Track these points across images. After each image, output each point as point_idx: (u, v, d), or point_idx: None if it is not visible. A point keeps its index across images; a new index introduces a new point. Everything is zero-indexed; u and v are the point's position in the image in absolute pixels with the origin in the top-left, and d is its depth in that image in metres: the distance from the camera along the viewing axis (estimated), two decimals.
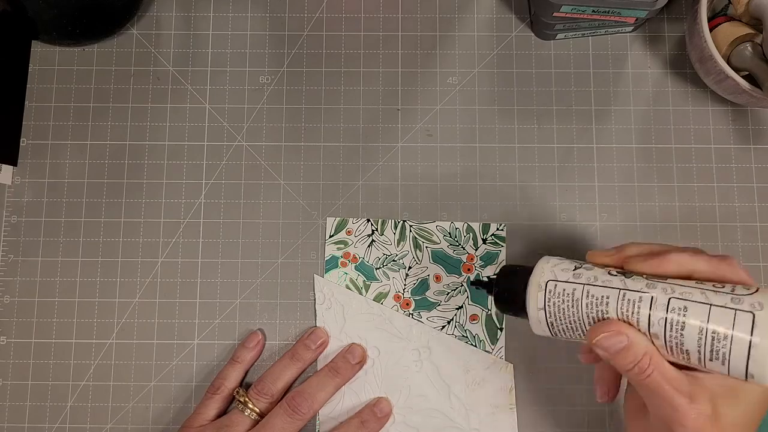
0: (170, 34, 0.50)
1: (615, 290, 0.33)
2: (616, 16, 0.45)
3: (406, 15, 0.50)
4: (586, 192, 0.48)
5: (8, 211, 0.47)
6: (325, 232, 0.47)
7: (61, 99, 0.49)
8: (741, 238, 0.47)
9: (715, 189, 0.48)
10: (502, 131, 0.48)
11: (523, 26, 0.49)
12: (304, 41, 0.49)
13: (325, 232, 0.47)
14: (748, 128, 0.48)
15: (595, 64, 0.49)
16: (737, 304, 0.30)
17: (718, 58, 0.43)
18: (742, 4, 0.44)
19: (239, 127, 0.48)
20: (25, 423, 0.45)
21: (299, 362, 0.44)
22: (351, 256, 0.47)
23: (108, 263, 0.47)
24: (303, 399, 0.41)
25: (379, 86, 0.49)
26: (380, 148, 0.48)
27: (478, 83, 0.49)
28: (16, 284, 0.47)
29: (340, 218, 0.47)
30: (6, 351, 0.46)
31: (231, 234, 0.47)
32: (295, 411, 0.41)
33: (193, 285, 0.47)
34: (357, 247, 0.47)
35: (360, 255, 0.47)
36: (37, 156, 0.48)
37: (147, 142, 0.48)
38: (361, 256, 0.47)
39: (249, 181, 0.48)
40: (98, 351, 0.46)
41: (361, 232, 0.47)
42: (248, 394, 0.43)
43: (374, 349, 0.45)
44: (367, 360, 0.45)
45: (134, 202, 0.48)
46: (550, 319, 0.34)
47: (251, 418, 0.42)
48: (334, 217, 0.47)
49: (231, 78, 0.49)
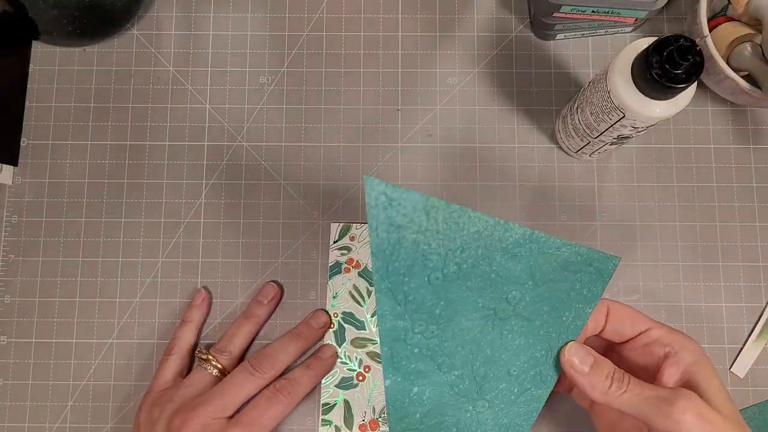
0: (171, 34, 0.50)
1: None
2: (616, 17, 0.45)
3: (406, 15, 0.50)
4: (586, 192, 0.48)
5: (9, 211, 0.47)
6: (329, 238, 0.47)
7: (61, 99, 0.49)
8: (741, 238, 0.47)
9: (714, 189, 0.48)
10: (502, 131, 0.48)
11: (523, 26, 0.49)
12: (304, 41, 0.49)
13: (329, 237, 0.47)
14: (748, 128, 0.48)
15: (595, 64, 0.49)
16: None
17: (717, 59, 0.43)
18: (742, 5, 0.44)
19: (239, 127, 0.48)
20: (26, 423, 0.45)
21: (253, 318, 0.45)
22: (354, 262, 0.47)
23: (108, 263, 0.47)
24: (264, 358, 0.42)
25: (379, 86, 0.49)
26: (380, 148, 0.48)
27: (478, 83, 0.49)
28: (16, 284, 0.47)
29: (344, 224, 0.47)
30: (6, 351, 0.46)
31: (231, 234, 0.47)
32: (256, 369, 0.42)
33: (194, 285, 0.47)
34: (360, 253, 0.47)
35: (363, 261, 0.47)
36: (38, 156, 0.48)
37: (147, 142, 0.48)
38: (365, 262, 0.47)
39: (249, 181, 0.48)
40: (98, 351, 0.46)
41: (364, 237, 0.47)
42: (209, 352, 0.43)
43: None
44: (331, 325, 0.45)
45: (135, 202, 0.48)
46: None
47: (213, 374, 0.42)
48: (338, 222, 0.47)
49: (231, 78, 0.49)
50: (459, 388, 0.37)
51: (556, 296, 0.36)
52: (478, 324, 0.35)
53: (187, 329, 0.45)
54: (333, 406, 0.45)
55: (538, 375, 0.37)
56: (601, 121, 0.40)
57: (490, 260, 0.34)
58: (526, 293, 0.35)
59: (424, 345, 0.35)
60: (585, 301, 0.36)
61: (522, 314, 0.36)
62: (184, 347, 0.44)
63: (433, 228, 0.32)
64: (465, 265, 0.34)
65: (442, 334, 0.35)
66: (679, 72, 0.34)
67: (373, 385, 0.45)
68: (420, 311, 0.34)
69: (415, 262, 0.33)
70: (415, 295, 0.34)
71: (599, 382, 0.34)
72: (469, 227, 0.33)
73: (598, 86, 0.39)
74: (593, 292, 0.36)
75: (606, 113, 0.39)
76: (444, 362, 0.36)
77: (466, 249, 0.34)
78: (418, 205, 0.31)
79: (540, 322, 0.36)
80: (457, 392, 0.37)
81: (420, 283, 0.33)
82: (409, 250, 0.32)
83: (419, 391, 0.36)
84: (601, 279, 0.36)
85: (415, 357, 0.35)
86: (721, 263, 0.47)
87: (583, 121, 0.42)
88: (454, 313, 0.35)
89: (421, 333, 0.35)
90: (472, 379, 0.37)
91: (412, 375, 0.36)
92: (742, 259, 0.47)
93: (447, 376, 0.36)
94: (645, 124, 0.37)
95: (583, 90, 0.42)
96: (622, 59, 0.36)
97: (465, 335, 0.36)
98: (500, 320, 0.36)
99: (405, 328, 0.34)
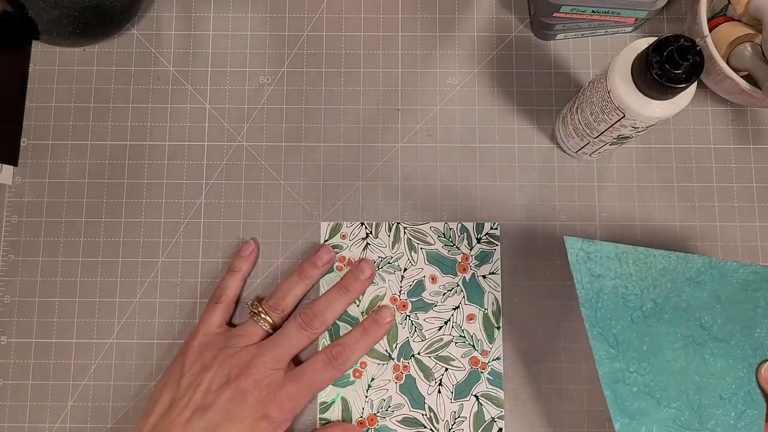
0: (171, 34, 0.50)
1: None
2: (615, 17, 0.45)
3: (406, 15, 0.50)
4: (586, 192, 0.48)
5: (8, 211, 0.47)
6: (320, 237, 0.47)
7: (61, 99, 0.49)
8: (741, 238, 0.47)
9: (714, 189, 0.48)
10: (502, 131, 0.48)
11: (523, 26, 0.50)
12: (304, 41, 0.49)
13: (320, 236, 0.47)
14: (748, 128, 0.48)
15: (595, 64, 0.49)
16: None
17: (717, 59, 0.43)
18: (742, 5, 0.44)
19: (239, 127, 0.48)
20: (26, 423, 0.45)
21: (307, 279, 0.45)
22: (346, 260, 0.47)
23: (108, 263, 0.47)
24: (314, 314, 0.43)
25: (379, 86, 0.49)
26: (380, 148, 0.48)
27: (478, 83, 0.49)
28: (16, 284, 0.47)
29: (334, 222, 0.47)
30: (6, 351, 0.46)
31: (231, 234, 0.47)
32: (308, 324, 0.43)
33: (194, 285, 0.47)
34: (352, 251, 0.47)
35: (355, 258, 0.47)
36: (38, 156, 0.48)
37: (147, 143, 0.48)
38: (356, 259, 0.47)
39: (249, 181, 0.48)
40: (98, 351, 0.46)
41: (355, 235, 0.47)
42: (262, 306, 0.44)
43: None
44: (375, 274, 0.46)
45: (135, 202, 0.48)
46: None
47: (264, 328, 0.43)
48: (330, 221, 0.47)
49: (231, 78, 0.49)
50: (681, 420, 0.39)
51: (744, 315, 0.40)
52: (682, 353, 0.39)
53: (234, 278, 0.45)
54: (330, 404, 0.45)
55: (748, 395, 0.40)
56: (601, 121, 0.40)
57: (679, 292, 0.40)
58: (717, 316, 0.40)
59: (641, 382, 0.39)
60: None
61: (717, 336, 0.40)
62: (231, 296, 0.45)
63: (627, 272, 0.39)
64: (659, 299, 0.39)
65: (653, 369, 0.39)
66: (679, 72, 0.34)
67: (369, 381, 0.45)
68: (630, 350, 0.39)
69: (617, 306, 0.39)
70: (623, 336, 0.39)
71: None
72: (656, 265, 0.39)
73: (598, 86, 0.39)
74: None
75: (606, 113, 0.39)
76: (662, 397, 0.39)
77: (657, 285, 0.39)
78: (611, 254, 0.39)
79: (735, 342, 0.40)
80: (680, 425, 0.39)
81: (625, 324, 0.39)
82: (610, 295, 0.39)
83: (647, 431, 0.39)
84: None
85: (635, 396, 0.39)
86: None
87: (583, 121, 0.42)
88: (658, 346, 0.39)
89: (636, 371, 0.39)
90: (690, 409, 0.39)
91: (637, 414, 0.38)
92: (742, 258, 0.47)
93: (667, 411, 0.39)
94: (645, 124, 0.37)
95: (583, 90, 0.42)
96: (622, 59, 0.36)
97: (673, 366, 0.39)
98: (699, 345, 0.39)
99: (621, 369, 0.39)
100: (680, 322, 0.39)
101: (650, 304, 0.39)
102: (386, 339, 0.46)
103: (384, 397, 0.45)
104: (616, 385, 0.39)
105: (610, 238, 0.47)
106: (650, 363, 0.39)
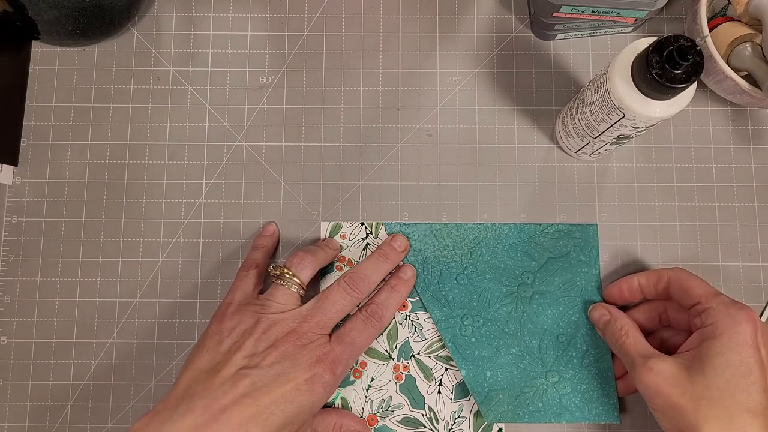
0: (171, 34, 0.50)
1: None
2: (615, 17, 0.45)
3: (406, 15, 0.50)
4: (586, 192, 0.48)
5: (8, 211, 0.47)
6: (320, 237, 0.47)
7: (61, 99, 0.49)
8: (740, 238, 0.47)
9: (714, 189, 0.48)
10: (502, 131, 0.48)
11: (523, 26, 0.50)
12: (304, 41, 0.49)
13: (320, 236, 0.47)
14: (748, 128, 0.48)
15: (595, 64, 0.49)
16: None
17: (717, 59, 0.43)
18: (742, 5, 0.44)
19: (239, 127, 0.48)
20: (26, 423, 0.45)
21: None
22: (346, 260, 0.47)
23: (108, 263, 0.47)
24: (360, 278, 0.43)
25: (379, 86, 0.49)
26: (380, 148, 0.48)
27: (478, 83, 0.49)
28: (16, 284, 0.47)
29: (334, 222, 0.47)
30: (6, 351, 0.46)
31: (231, 234, 0.47)
32: (353, 287, 0.43)
33: (194, 285, 0.47)
34: (352, 251, 0.47)
35: (355, 259, 0.47)
36: (38, 156, 0.48)
37: (147, 142, 0.48)
38: (356, 259, 0.47)
39: (249, 181, 0.48)
40: (98, 351, 0.46)
41: (355, 235, 0.47)
42: (285, 267, 0.43)
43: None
44: (409, 249, 0.46)
45: (135, 202, 0.48)
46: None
47: (293, 290, 0.42)
48: (330, 221, 0.47)
49: (231, 78, 0.49)
50: (524, 363, 0.44)
51: (560, 267, 0.46)
52: (512, 306, 0.45)
53: (260, 253, 0.45)
54: (330, 404, 0.45)
55: (587, 335, 0.45)
56: (601, 121, 0.40)
57: (495, 255, 0.46)
58: (535, 273, 0.46)
59: (478, 333, 0.45)
60: (587, 265, 0.46)
61: (540, 290, 0.45)
62: (261, 265, 0.45)
63: (443, 244, 0.46)
64: (479, 264, 0.46)
65: (487, 322, 0.45)
66: (679, 72, 0.34)
67: (369, 381, 0.45)
68: (461, 307, 0.45)
69: (441, 272, 0.46)
70: (452, 295, 0.45)
71: (609, 336, 0.42)
72: (468, 236, 0.46)
73: (598, 86, 0.39)
74: (589, 256, 0.46)
75: (606, 113, 0.39)
76: (500, 344, 0.45)
77: (473, 252, 0.46)
78: (427, 231, 0.46)
79: (559, 291, 0.45)
80: (523, 368, 0.44)
81: (452, 285, 0.45)
82: (434, 264, 0.46)
83: (492, 375, 0.44)
84: (588, 245, 0.46)
85: (474, 345, 0.45)
86: (721, 263, 0.47)
87: (583, 121, 0.42)
88: (487, 302, 0.45)
89: (471, 325, 0.45)
90: (530, 353, 0.45)
91: (479, 361, 0.44)
92: (742, 259, 0.47)
93: (507, 356, 0.45)
94: (645, 124, 0.37)
95: (583, 90, 0.42)
96: (622, 59, 0.36)
97: (506, 317, 0.45)
98: (526, 298, 0.45)
99: (455, 323, 0.45)
100: (503, 280, 0.45)
101: (471, 268, 0.45)
102: (386, 339, 0.46)
103: (384, 397, 0.45)
104: (455, 338, 0.44)
105: (610, 237, 0.47)
106: (482, 316, 0.45)
